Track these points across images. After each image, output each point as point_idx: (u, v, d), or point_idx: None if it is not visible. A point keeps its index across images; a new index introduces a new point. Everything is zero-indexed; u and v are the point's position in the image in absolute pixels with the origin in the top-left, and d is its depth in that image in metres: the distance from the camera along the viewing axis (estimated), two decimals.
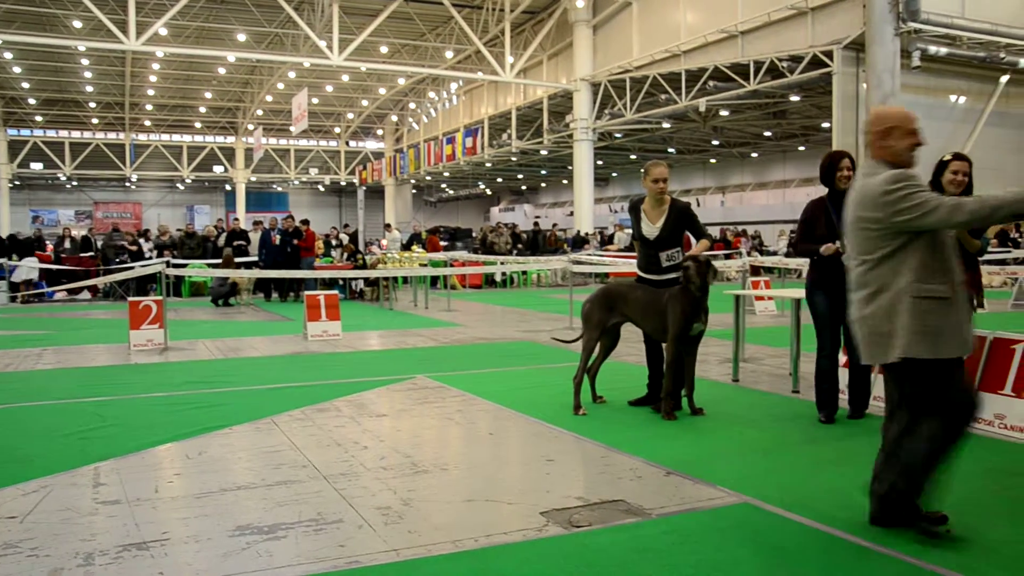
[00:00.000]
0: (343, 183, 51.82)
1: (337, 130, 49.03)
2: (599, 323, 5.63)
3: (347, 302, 16.25)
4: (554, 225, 28.48)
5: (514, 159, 39.98)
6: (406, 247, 22.13)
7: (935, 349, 3.07)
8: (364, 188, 46.46)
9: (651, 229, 5.66)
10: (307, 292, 10.38)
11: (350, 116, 47.70)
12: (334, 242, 20.06)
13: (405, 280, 20.50)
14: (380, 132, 50.24)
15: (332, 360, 8.36)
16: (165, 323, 9.33)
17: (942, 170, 4.88)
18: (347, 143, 50.79)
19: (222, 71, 38.39)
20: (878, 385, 5.72)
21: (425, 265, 17.26)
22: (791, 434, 5.03)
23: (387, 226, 24.80)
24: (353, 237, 22.36)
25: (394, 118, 47.77)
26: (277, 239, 16.18)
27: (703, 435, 5.03)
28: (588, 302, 5.73)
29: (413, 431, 5.24)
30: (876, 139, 3.23)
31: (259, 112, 45.58)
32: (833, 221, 5.37)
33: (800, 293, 6.28)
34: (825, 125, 29.56)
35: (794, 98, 25.35)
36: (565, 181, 52.56)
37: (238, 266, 16.22)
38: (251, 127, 45.21)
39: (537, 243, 24.17)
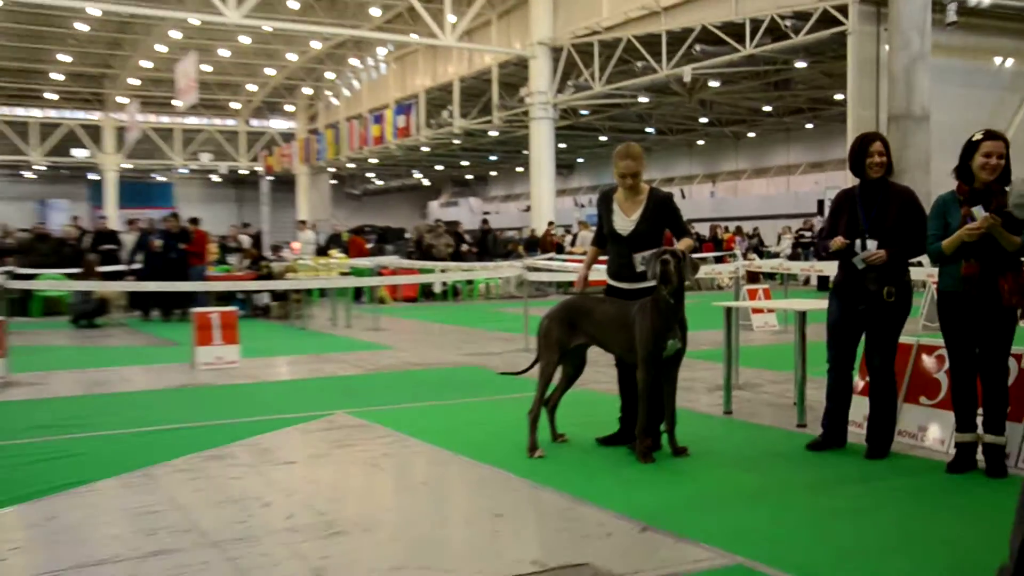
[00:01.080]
0: (244, 172, 51.25)
1: (236, 106, 48.55)
2: (559, 344, 5.66)
3: (248, 320, 16.02)
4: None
5: (457, 142, 40.14)
6: (323, 251, 21.96)
7: None
8: (270, 178, 46.08)
9: (625, 223, 5.70)
10: (196, 309, 10.31)
11: (252, 88, 47.24)
12: (232, 245, 19.82)
13: (322, 293, 20.34)
14: (290, 109, 49.89)
15: (228, 394, 8.28)
16: (6, 350, 9.09)
17: (971, 152, 4.97)
18: (248, 122, 50.34)
19: (82, 27, 37.48)
20: (905, 418, 5.84)
21: (347, 274, 17.17)
22: (796, 479, 5.10)
23: (300, 224, 24.61)
24: (256, 239, 22.15)
25: (307, 91, 47.50)
26: (158, 243, 15.95)
27: (687, 480, 5.06)
28: (546, 319, 5.75)
29: (329, 482, 5.18)
30: None
31: (133, 81, 44.80)
32: (860, 216, 5.45)
33: (805, 304, 6.39)
34: (838, 97, 30.27)
35: (800, 64, 25.95)
36: (520, 169, 52.89)
37: (106, 277, 15.90)
38: (123, 100, 44.37)
39: (486, 245, 24.24)
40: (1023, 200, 4.45)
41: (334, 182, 53.88)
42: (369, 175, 57.55)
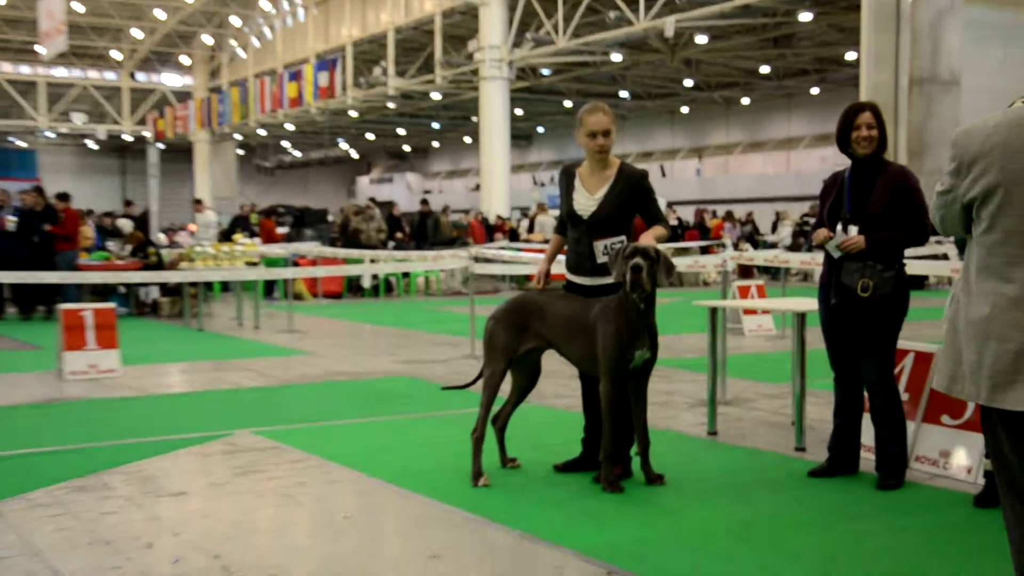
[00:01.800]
0: (128, 138, 50.55)
1: (117, 56, 47.84)
2: (506, 350, 5.66)
3: (132, 319, 15.92)
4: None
5: (392, 106, 40.01)
6: (226, 236, 21.77)
7: None
8: (161, 146, 45.52)
9: (587, 202, 5.72)
10: (65, 305, 10.19)
11: (137, 35, 46.55)
12: (111, 227, 19.54)
13: (224, 287, 20.15)
14: (186, 61, 49.33)
15: (103, 410, 8.20)
16: None
17: None
18: (133, 76, 49.67)
19: None
20: (924, 441, 5.91)
21: (255, 264, 17.03)
22: (791, 513, 5.15)
23: (196, 204, 24.37)
24: (141, 220, 21.87)
25: (207, 40, 46.94)
26: (10, 222, 15.67)
27: (662, 515, 5.09)
28: (491, 320, 5.76)
29: (229, 517, 5.13)
30: None
31: None
32: (844, 200, 5.57)
33: (805, 304, 6.46)
34: (849, 57, 30.68)
35: (804, 17, 26.23)
36: (468, 139, 52.92)
37: None
38: None
39: (425, 231, 24.21)
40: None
41: (241, 152, 53.47)
42: (284, 145, 57.12)
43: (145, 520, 5.04)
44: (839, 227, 5.55)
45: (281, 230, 25.45)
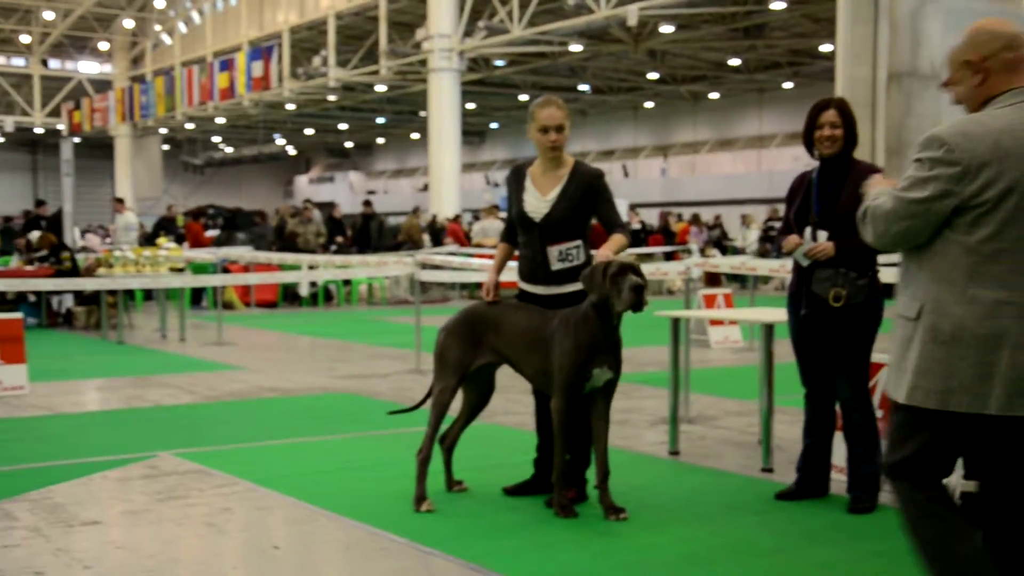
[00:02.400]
0: (40, 130, 49.92)
1: (25, 39, 47.22)
2: (458, 365, 5.67)
3: (43, 331, 15.75)
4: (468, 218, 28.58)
5: (333, 99, 39.89)
6: (149, 239, 21.58)
7: None
8: (76, 140, 44.97)
9: (538, 204, 5.74)
10: None
11: (48, 16, 46.00)
12: (18, 228, 19.31)
13: (147, 295, 19.97)
14: (104, 47, 48.83)
15: (7, 431, 8.12)
16: None
17: None
18: (45, 63, 49.04)
19: None
20: None
21: (181, 270, 16.89)
22: (757, 538, 5.20)
23: (116, 203, 24.16)
24: (54, 221, 21.62)
25: (128, 24, 46.53)
26: None
27: (619, 541, 5.12)
28: (442, 332, 5.76)
29: (146, 548, 5.09)
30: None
31: None
32: (811, 203, 5.65)
33: (774, 314, 6.53)
34: (825, 49, 31.02)
35: (776, 5, 26.52)
36: (415, 136, 52.88)
37: None
38: None
39: (368, 235, 24.17)
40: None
41: (167, 148, 52.97)
42: (215, 140, 56.69)
43: (52, 553, 4.98)
44: (808, 232, 5.63)
45: (210, 233, 25.29)
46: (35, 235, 17.95)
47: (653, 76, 39.23)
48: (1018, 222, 3.38)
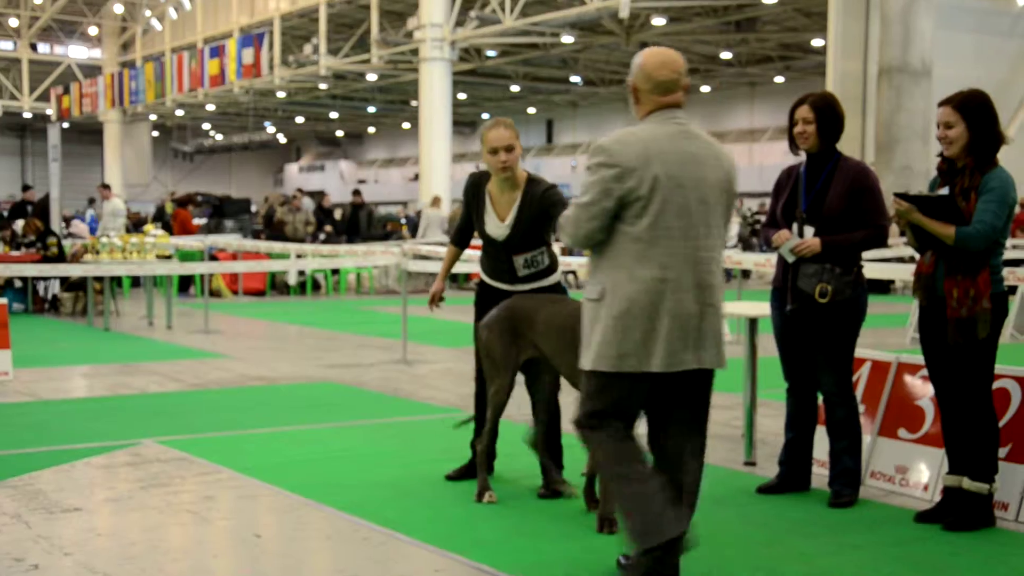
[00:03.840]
0: (28, 115, 49.74)
1: (13, 23, 47.00)
2: (507, 361, 5.55)
3: (28, 317, 15.73)
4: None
5: (324, 87, 39.81)
6: (137, 226, 21.53)
7: None
8: (65, 125, 44.82)
9: (499, 229, 5.85)
10: None
11: (38, 0, 45.81)
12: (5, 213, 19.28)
13: (134, 282, 19.93)
14: (93, 32, 48.64)
15: None
16: None
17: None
18: (34, 47, 48.83)
19: None
20: (880, 456, 6.04)
21: (168, 257, 16.88)
22: (737, 532, 5.24)
23: (103, 189, 24.10)
24: (41, 207, 21.55)
25: (118, 9, 46.35)
26: None
27: (599, 536, 5.14)
28: (484, 328, 5.66)
29: (128, 536, 5.11)
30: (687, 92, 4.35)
31: None
32: (799, 198, 5.68)
33: (758, 308, 6.56)
34: (816, 43, 31.08)
35: (769, 0, 26.51)
36: (407, 125, 52.80)
37: None
38: None
39: (358, 224, 24.14)
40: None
41: (156, 134, 52.83)
42: (205, 127, 56.55)
43: (33, 539, 4.99)
44: (795, 228, 5.65)
45: (198, 221, 25.24)
46: (19, 224, 17.90)
47: None
48: (667, 214, 4.12)
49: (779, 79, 39.99)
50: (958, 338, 5.10)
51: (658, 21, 29.25)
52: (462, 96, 41.64)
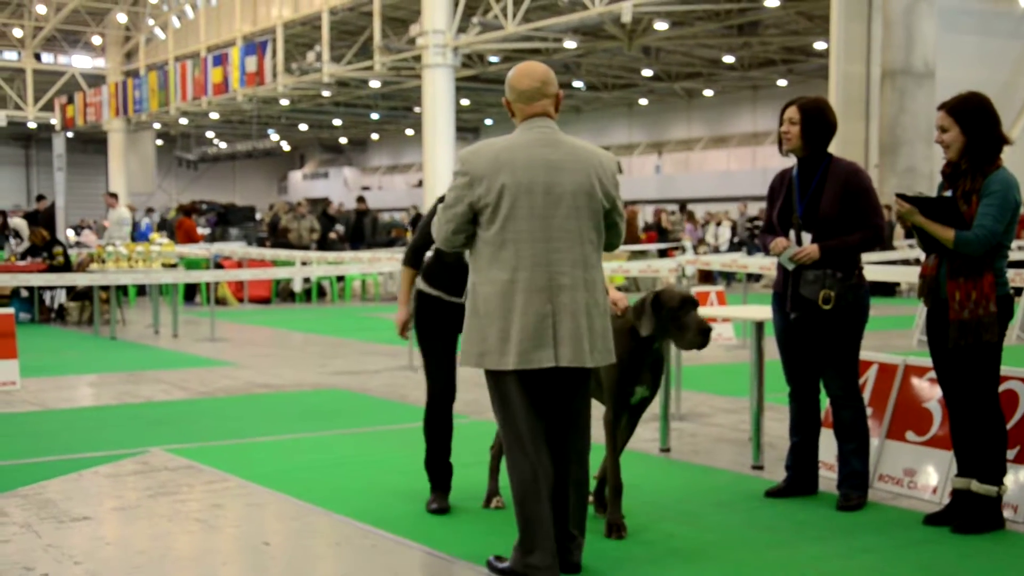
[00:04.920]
0: (32, 124, 49.83)
1: (18, 33, 47.13)
2: None
3: (35, 327, 15.74)
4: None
5: (327, 95, 39.81)
6: (143, 236, 21.56)
7: None
8: (69, 134, 44.92)
9: None
10: None
11: (41, 10, 45.92)
12: (13, 223, 19.31)
13: (140, 291, 19.96)
14: (97, 41, 48.74)
15: None
16: None
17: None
18: (38, 57, 48.93)
19: None
20: (887, 459, 6.03)
21: (174, 266, 16.90)
22: (746, 536, 5.23)
23: (109, 198, 24.11)
24: (46, 217, 21.61)
25: (121, 18, 46.47)
26: None
27: (607, 540, 5.13)
28: None
29: (137, 544, 5.11)
30: (558, 102, 4.59)
31: None
32: (793, 203, 5.68)
33: (765, 312, 6.55)
34: (819, 46, 31.08)
35: (771, 3, 26.50)
36: (410, 132, 52.79)
37: None
38: None
39: (362, 231, 24.16)
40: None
41: (160, 143, 52.90)
42: (208, 135, 56.60)
43: (43, 548, 4.99)
44: (792, 234, 5.64)
45: (202, 231, 25.27)
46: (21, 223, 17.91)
47: (647, 73, 39.22)
48: (515, 219, 4.31)
49: (782, 82, 39.96)
50: (960, 340, 5.10)
51: (660, 25, 29.24)
52: (465, 102, 41.63)
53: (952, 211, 5.09)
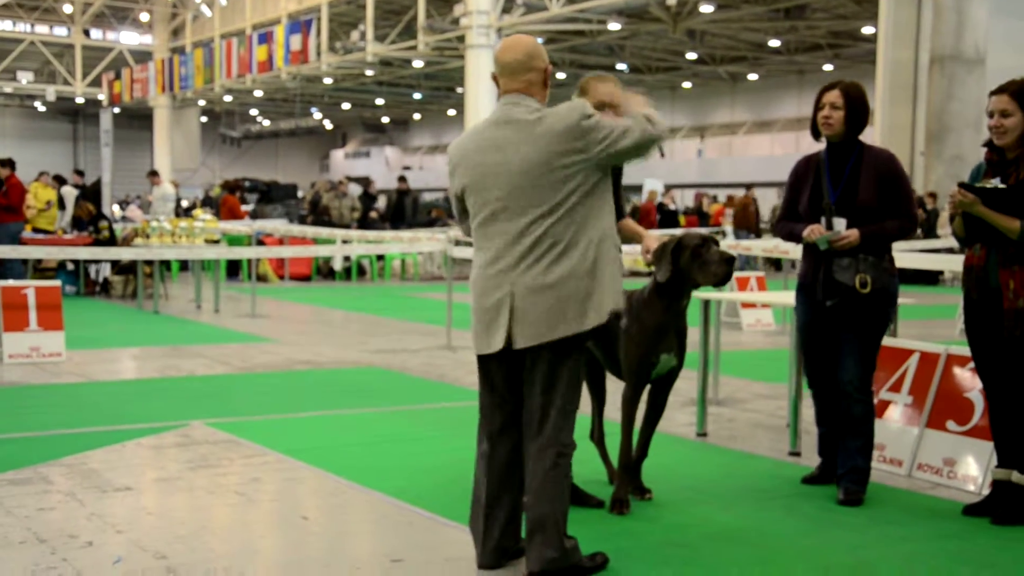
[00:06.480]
0: (80, 100, 50.28)
1: (68, 9, 47.51)
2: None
3: (80, 299, 15.93)
4: None
5: (370, 74, 39.88)
6: (186, 211, 21.71)
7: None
8: (116, 110, 45.29)
9: None
10: (5, 282, 10.20)
11: None
12: (63, 191, 19.46)
13: (183, 266, 20.12)
14: (144, 18, 49.05)
15: (45, 397, 8.22)
16: None
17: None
18: (87, 33, 49.34)
19: None
20: (926, 448, 5.98)
21: (217, 242, 17.03)
22: (782, 523, 5.22)
23: (152, 176, 24.30)
24: (93, 191, 21.79)
25: None
26: None
27: (644, 523, 5.14)
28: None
29: (177, 515, 5.17)
30: (546, 76, 4.44)
31: None
32: (825, 187, 5.60)
33: None
34: (867, 31, 30.72)
35: None
36: (452, 112, 52.82)
37: None
38: None
39: (403, 210, 24.22)
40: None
41: (205, 120, 53.20)
42: (252, 113, 56.84)
43: (86, 517, 5.06)
44: (823, 220, 5.56)
45: (246, 208, 25.42)
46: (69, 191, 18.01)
47: (692, 56, 38.98)
48: (483, 204, 4.28)
49: (828, 67, 39.59)
50: (1016, 330, 5.03)
51: (706, 8, 29.03)
52: None
53: (1014, 201, 5.00)
